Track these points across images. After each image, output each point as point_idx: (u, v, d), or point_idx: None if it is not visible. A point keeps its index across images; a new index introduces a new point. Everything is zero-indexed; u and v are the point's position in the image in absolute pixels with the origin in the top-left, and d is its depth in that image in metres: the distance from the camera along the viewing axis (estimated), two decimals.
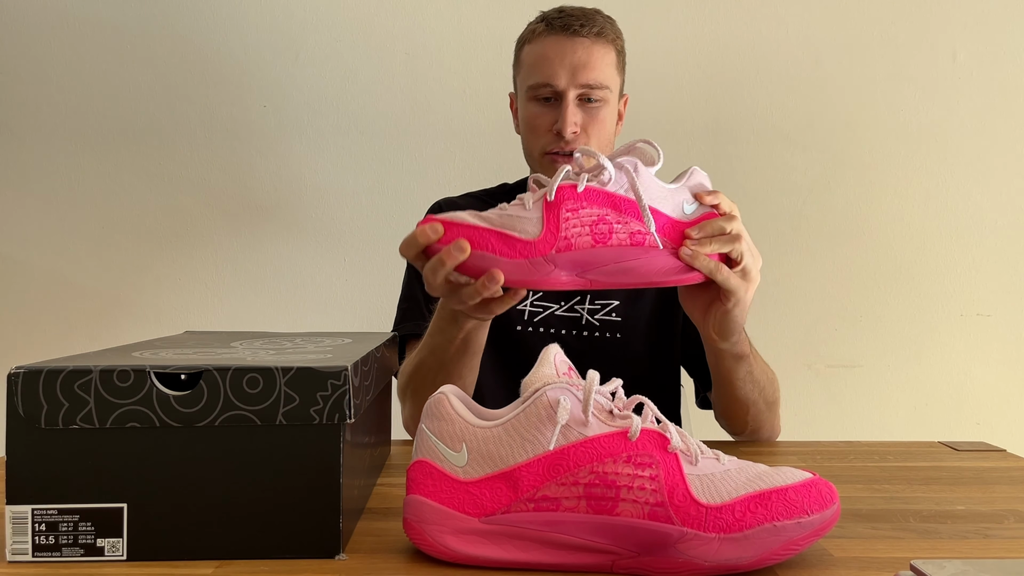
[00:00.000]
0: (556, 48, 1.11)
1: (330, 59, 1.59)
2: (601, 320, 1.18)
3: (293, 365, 0.56)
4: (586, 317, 1.17)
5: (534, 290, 1.17)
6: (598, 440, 0.54)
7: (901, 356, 1.63)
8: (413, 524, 0.57)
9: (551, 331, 1.17)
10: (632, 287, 0.80)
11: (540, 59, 1.12)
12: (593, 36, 1.11)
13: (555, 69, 1.10)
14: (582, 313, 1.17)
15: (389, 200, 1.60)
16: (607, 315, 1.17)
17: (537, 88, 1.12)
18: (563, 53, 1.10)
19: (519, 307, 1.17)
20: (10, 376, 0.55)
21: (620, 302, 1.18)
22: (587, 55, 1.10)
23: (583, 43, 1.10)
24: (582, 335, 1.17)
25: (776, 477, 0.55)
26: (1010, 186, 1.62)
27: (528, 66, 1.14)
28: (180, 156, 1.60)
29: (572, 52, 1.10)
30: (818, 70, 1.60)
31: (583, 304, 1.17)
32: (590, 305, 1.17)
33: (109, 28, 1.58)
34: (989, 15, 1.60)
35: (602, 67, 1.11)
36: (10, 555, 0.56)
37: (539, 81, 1.11)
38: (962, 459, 0.92)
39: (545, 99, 1.12)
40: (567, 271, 0.68)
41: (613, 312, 1.18)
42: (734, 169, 1.61)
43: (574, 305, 1.17)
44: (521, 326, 1.16)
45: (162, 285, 1.61)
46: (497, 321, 1.16)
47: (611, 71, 1.13)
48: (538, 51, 1.13)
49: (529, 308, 1.18)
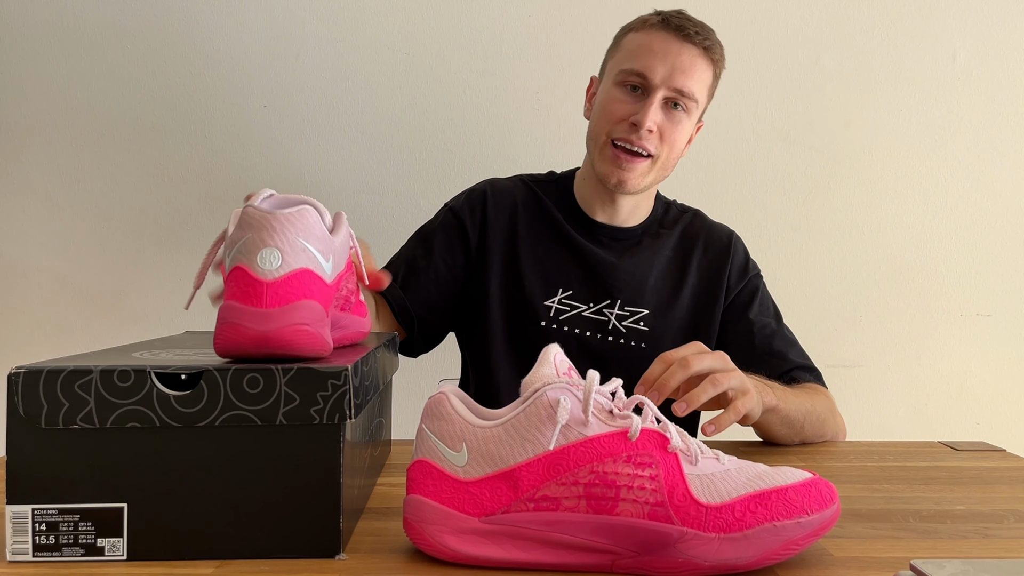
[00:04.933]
0: (663, 44, 1.10)
1: (330, 59, 1.59)
2: (628, 327, 1.16)
3: (293, 365, 0.56)
4: (613, 322, 1.16)
5: (564, 288, 1.17)
6: (598, 440, 0.54)
7: (901, 356, 1.63)
8: (413, 524, 0.57)
9: (576, 331, 1.16)
10: None
11: (643, 48, 1.10)
12: (702, 48, 1.10)
13: (655, 62, 1.09)
14: (610, 317, 1.16)
15: (389, 200, 1.60)
16: (635, 323, 1.17)
17: (630, 74, 1.10)
18: (668, 51, 1.09)
19: (547, 303, 1.16)
20: (10, 376, 0.55)
21: (650, 312, 1.17)
22: (691, 62, 1.09)
23: (690, 50, 1.10)
24: (607, 339, 1.16)
25: (776, 477, 0.55)
26: (1010, 186, 1.62)
27: (628, 51, 1.12)
28: (180, 156, 1.60)
29: (677, 54, 1.09)
30: (818, 70, 1.60)
31: (612, 308, 1.17)
32: (619, 311, 1.17)
33: (109, 28, 1.58)
34: (989, 15, 1.60)
35: (699, 79, 1.11)
36: (10, 555, 0.56)
37: (635, 68, 1.10)
38: (962, 459, 0.92)
39: (633, 88, 1.11)
40: None
41: (642, 321, 1.17)
42: (734, 169, 1.61)
43: (603, 308, 1.17)
44: (546, 322, 1.16)
45: (162, 285, 1.61)
46: (522, 314, 1.17)
47: (704, 88, 1.13)
48: (643, 40, 1.11)
49: (556, 305, 1.17)
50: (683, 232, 1.23)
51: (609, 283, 1.17)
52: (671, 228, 1.24)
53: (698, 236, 1.23)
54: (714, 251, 1.22)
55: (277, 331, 0.56)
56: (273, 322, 0.56)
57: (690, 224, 1.25)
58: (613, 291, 1.17)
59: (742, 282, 1.21)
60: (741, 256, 1.23)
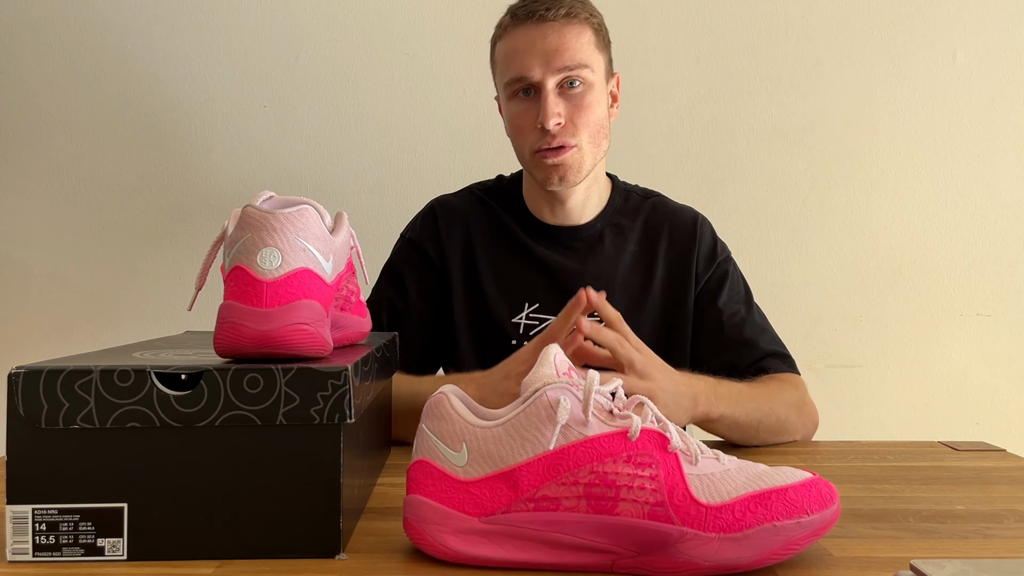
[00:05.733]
0: (525, 38, 1.05)
1: (330, 59, 1.59)
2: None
3: (293, 365, 0.56)
4: None
5: (530, 302, 1.13)
6: (598, 440, 0.54)
7: (901, 356, 1.63)
8: (413, 524, 0.57)
9: None
10: None
11: (511, 53, 1.06)
12: (563, 18, 1.04)
13: (527, 60, 1.04)
14: None
15: (389, 200, 1.60)
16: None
17: (513, 84, 1.06)
18: (532, 42, 1.04)
19: (514, 320, 1.13)
20: (10, 376, 0.55)
21: (620, 313, 1.12)
22: (558, 39, 1.04)
23: (552, 27, 1.04)
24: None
25: (776, 477, 0.55)
26: (1010, 186, 1.62)
27: (502, 62, 1.09)
28: (180, 156, 1.60)
29: (542, 39, 1.03)
30: (818, 70, 1.60)
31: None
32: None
33: (109, 28, 1.58)
34: (989, 15, 1.60)
35: (577, 47, 1.04)
36: (10, 555, 0.56)
37: (513, 76, 1.06)
38: (962, 459, 0.92)
39: (524, 92, 1.06)
40: None
41: None
42: (734, 169, 1.61)
43: None
44: (516, 340, 1.12)
45: (162, 285, 1.61)
46: (491, 334, 1.14)
47: (589, 50, 1.06)
48: (508, 46, 1.07)
49: (525, 321, 1.13)
50: (646, 222, 1.18)
51: (575, 290, 1.10)
52: (633, 219, 1.18)
53: (662, 225, 1.18)
54: (680, 240, 1.17)
55: (277, 331, 0.56)
56: (273, 321, 0.56)
57: (653, 213, 1.19)
58: None
59: (710, 268, 1.16)
60: (708, 241, 1.18)
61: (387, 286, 1.16)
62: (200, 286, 0.64)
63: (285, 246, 0.58)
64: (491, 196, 1.20)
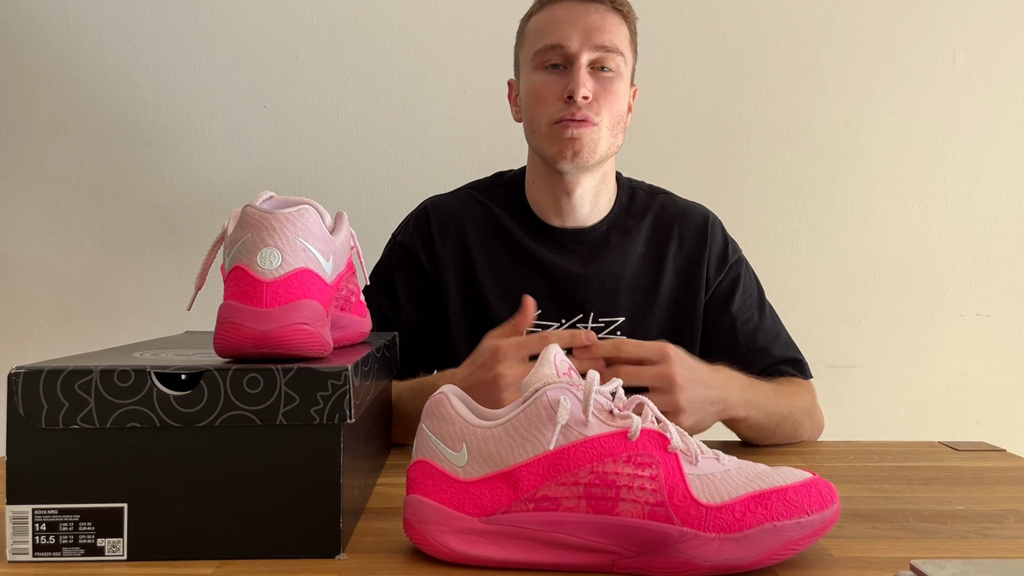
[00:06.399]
0: (568, 11, 1.04)
1: (330, 59, 1.59)
2: (604, 340, 1.12)
3: (293, 365, 0.56)
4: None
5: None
6: (598, 440, 0.54)
7: (901, 356, 1.63)
8: (413, 524, 0.57)
9: None
10: None
11: (550, 22, 1.05)
12: (608, 4, 1.05)
13: (567, 30, 1.03)
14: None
15: (389, 200, 1.60)
16: (611, 333, 1.10)
17: (546, 52, 1.04)
18: (576, 15, 1.03)
19: None
20: (10, 376, 0.55)
21: (626, 319, 1.11)
22: (601, 19, 1.03)
23: (597, 8, 1.04)
24: None
25: (776, 477, 0.55)
26: (1010, 186, 1.62)
27: (535, 32, 1.07)
28: (180, 156, 1.60)
29: (585, 15, 1.03)
30: (818, 70, 1.60)
31: (585, 323, 1.09)
32: (593, 324, 1.09)
33: (109, 28, 1.58)
34: (989, 15, 1.60)
35: (618, 34, 1.04)
36: (10, 555, 0.56)
37: (549, 43, 1.03)
38: (962, 459, 0.92)
39: (554, 66, 1.04)
40: None
41: (619, 331, 1.10)
42: (734, 169, 1.61)
43: (576, 324, 1.09)
44: None
45: (162, 285, 1.61)
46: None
47: (625, 43, 1.06)
48: (547, 16, 1.06)
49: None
50: (654, 222, 1.15)
51: (579, 296, 1.10)
52: (640, 219, 1.15)
53: (672, 225, 1.14)
54: (690, 241, 1.14)
55: (277, 330, 0.56)
56: (273, 321, 0.56)
57: (661, 212, 1.16)
58: (585, 304, 1.10)
59: (722, 272, 1.14)
60: (719, 242, 1.15)
61: (377, 291, 1.13)
62: (200, 286, 0.64)
63: (285, 246, 0.58)
64: (489, 196, 1.17)
